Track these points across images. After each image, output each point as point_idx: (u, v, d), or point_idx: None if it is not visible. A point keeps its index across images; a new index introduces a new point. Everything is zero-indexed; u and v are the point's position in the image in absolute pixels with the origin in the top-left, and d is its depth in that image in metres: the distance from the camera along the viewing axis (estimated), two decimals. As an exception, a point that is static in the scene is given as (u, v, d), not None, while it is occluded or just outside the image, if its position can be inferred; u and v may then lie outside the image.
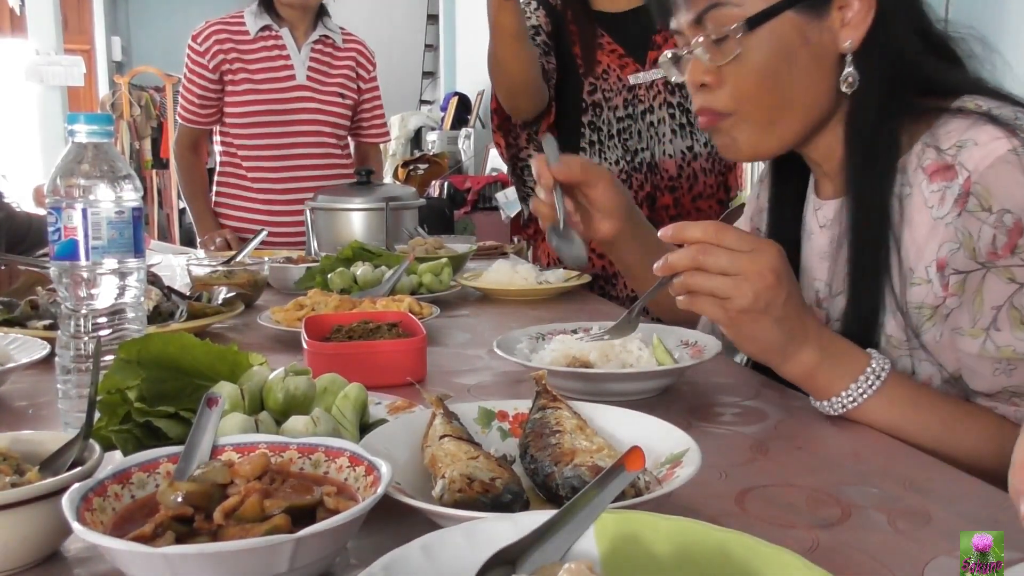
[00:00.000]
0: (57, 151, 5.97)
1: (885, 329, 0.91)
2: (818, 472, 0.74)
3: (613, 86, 1.82)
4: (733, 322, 0.82)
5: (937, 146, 0.85)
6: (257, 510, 0.53)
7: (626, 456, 0.49)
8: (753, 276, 0.79)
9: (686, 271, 0.81)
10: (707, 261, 0.80)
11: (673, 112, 1.82)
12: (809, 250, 1.04)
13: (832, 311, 1.00)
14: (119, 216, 0.75)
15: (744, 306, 0.80)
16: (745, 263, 0.79)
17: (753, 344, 0.84)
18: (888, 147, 0.89)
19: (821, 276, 1.02)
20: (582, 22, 1.82)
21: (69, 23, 8.21)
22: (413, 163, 6.96)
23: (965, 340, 0.83)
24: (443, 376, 1.06)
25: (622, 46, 1.83)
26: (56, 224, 0.74)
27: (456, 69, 8.80)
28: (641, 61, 1.82)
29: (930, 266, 0.85)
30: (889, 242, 0.88)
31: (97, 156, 0.76)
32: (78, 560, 0.58)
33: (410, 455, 0.67)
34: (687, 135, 1.82)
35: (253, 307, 1.52)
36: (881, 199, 0.88)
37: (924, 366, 0.90)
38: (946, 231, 0.83)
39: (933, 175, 0.85)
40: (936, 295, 0.85)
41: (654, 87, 1.82)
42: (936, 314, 0.86)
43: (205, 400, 0.63)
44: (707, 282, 0.81)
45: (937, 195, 0.84)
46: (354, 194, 2.16)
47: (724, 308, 0.81)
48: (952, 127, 0.85)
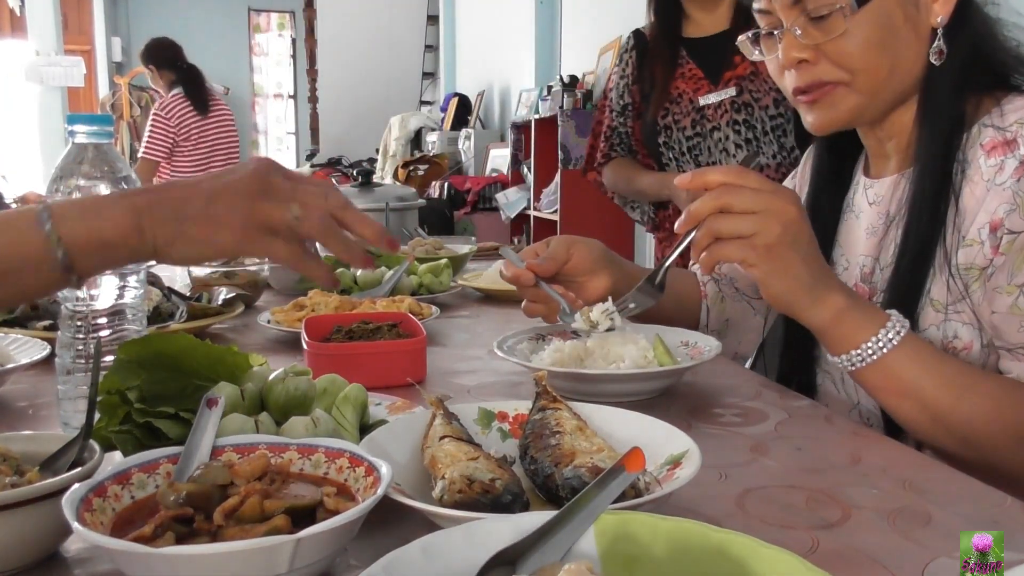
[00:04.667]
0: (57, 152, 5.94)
1: (931, 293, 0.92)
2: (818, 473, 0.74)
3: (684, 108, 1.94)
4: (762, 258, 0.81)
5: (996, 125, 0.90)
6: (257, 511, 0.53)
7: (626, 457, 0.49)
8: (778, 210, 0.81)
9: (711, 216, 0.82)
10: (732, 201, 0.81)
11: (739, 128, 1.90)
12: (856, 227, 1.06)
13: (879, 283, 1.00)
14: None
15: (772, 240, 0.80)
16: (769, 199, 0.81)
17: (783, 279, 0.83)
18: (958, 118, 0.93)
19: (868, 252, 1.03)
20: (663, 54, 1.96)
21: (69, 23, 8.20)
22: (413, 164, 6.96)
23: (1001, 297, 0.85)
24: (443, 377, 1.06)
25: (702, 69, 1.93)
26: None
27: (456, 70, 8.81)
28: (716, 82, 1.92)
29: (983, 228, 0.87)
30: (949, 205, 0.90)
31: (97, 157, 0.76)
32: (78, 560, 0.58)
33: (410, 456, 0.67)
34: (753, 149, 1.90)
35: (253, 308, 1.52)
36: (945, 165, 0.92)
37: (965, 329, 0.90)
38: (1003, 194, 0.86)
39: (991, 151, 0.89)
40: (986, 256, 0.87)
41: (722, 106, 1.91)
42: (982, 275, 0.88)
43: (205, 401, 0.63)
44: (733, 223, 0.81)
45: (994, 168, 0.88)
46: (354, 195, 2.16)
47: (752, 245, 0.81)
48: (1017, 104, 0.90)
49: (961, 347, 0.90)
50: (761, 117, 1.87)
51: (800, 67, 0.94)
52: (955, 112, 0.93)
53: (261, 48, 10.84)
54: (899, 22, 0.91)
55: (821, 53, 0.92)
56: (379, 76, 9.71)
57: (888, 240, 0.99)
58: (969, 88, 0.93)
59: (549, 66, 6.16)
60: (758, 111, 1.87)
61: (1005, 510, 0.66)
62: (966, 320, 0.90)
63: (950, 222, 0.90)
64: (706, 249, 0.83)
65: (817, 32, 0.91)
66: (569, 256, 1.06)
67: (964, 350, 0.90)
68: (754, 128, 1.88)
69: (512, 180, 6.06)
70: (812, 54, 0.92)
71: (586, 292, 1.07)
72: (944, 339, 0.91)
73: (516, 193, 5.82)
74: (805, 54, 0.93)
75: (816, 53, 0.92)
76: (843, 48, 0.91)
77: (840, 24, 0.90)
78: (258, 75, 10.86)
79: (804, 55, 0.93)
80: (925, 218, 0.92)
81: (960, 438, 0.82)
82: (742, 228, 0.81)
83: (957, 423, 0.82)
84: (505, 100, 7.22)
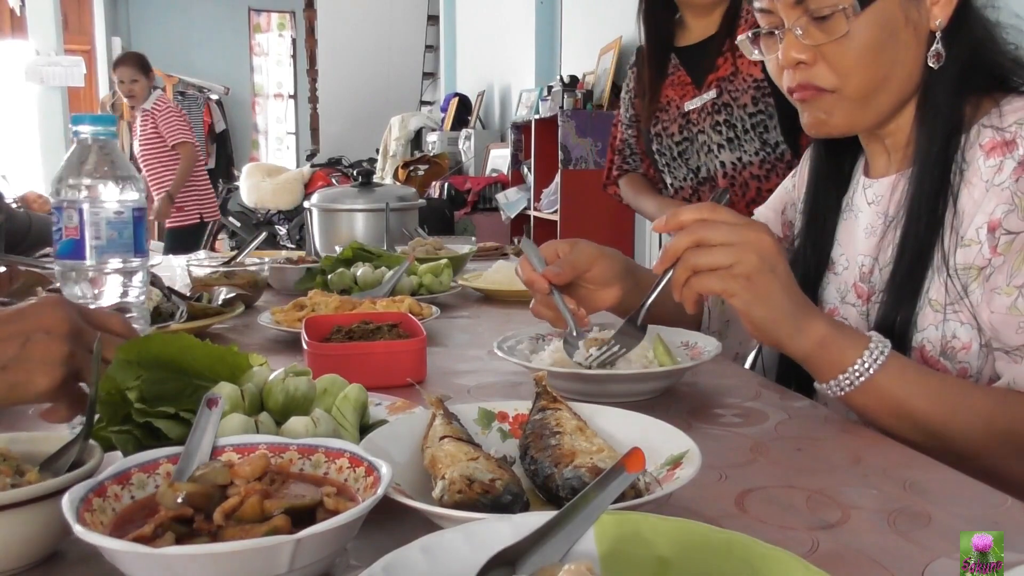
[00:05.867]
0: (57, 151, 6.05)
1: (929, 293, 0.92)
2: (818, 473, 0.74)
3: (672, 115, 1.98)
4: (743, 287, 0.82)
5: (995, 126, 0.90)
6: (257, 511, 0.53)
7: (626, 457, 0.49)
8: (753, 240, 0.82)
9: (688, 251, 0.82)
10: (707, 235, 0.82)
11: (720, 129, 1.91)
12: (855, 227, 1.06)
13: (878, 283, 1.01)
14: (119, 216, 0.76)
15: (750, 269, 0.81)
16: (743, 232, 0.82)
17: (765, 307, 0.83)
18: (956, 120, 0.93)
19: (867, 251, 1.03)
20: (652, 63, 2.00)
21: (69, 23, 8.21)
22: (413, 164, 6.96)
23: (1000, 298, 0.86)
24: (443, 377, 1.06)
25: (690, 75, 1.96)
26: (59, 224, 0.75)
27: (456, 70, 8.81)
28: (699, 86, 1.94)
29: (981, 228, 0.88)
30: (947, 205, 0.91)
31: (100, 157, 0.77)
32: (78, 560, 0.58)
33: (410, 456, 0.67)
34: (736, 147, 1.91)
35: (253, 308, 1.52)
36: (943, 167, 0.92)
37: (964, 329, 0.90)
38: (1002, 194, 0.86)
39: (990, 152, 0.89)
40: (984, 256, 0.88)
41: (704, 109, 1.93)
42: (980, 275, 0.88)
43: (205, 401, 0.63)
44: (710, 255, 0.82)
45: (993, 169, 0.88)
46: (354, 195, 2.16)
47: (732, 275, 0.81)
48: (1016, 105, 0.90)
49: (960, 347, 0.90)
50: (741, 116, 1.88)
51: (797, 67, 0.94)
52: (953, 114, 0.93)
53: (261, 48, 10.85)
54: (900, 25, 0.91)
55: (820, 55, 0.92)
56: (379, 76, 9.72)
57: (887, 240, 0.99)
58: (968, 90, 0.93)
59: (549, 66, 6.16)
60: (737, 110, 1.88)
61: (1005, 510, 0.66)
62: (964, 320, 0.90)
63: (948, 223, 0.91)
64: (686, 284, 0.84)
65: (819, 32, 0.91)
66: (590, 267, 1.04)
67: (963, 350, 0.90)
68: (735, 127, 1.89)
69: (512, 180, 6.06)
70: (811, 55, 0.93)
71: (594, 299, 1.07)
72: (943, 339, 0.91)
73: (516, 193, 5.82)
74: (804, 55, 0.93)
75: (815, 55, 0.92)
76: (842, 51, 0.91)
77: (842, 25, 0.89)
78: (258, 75, 10.87)
79: (803, 56, 0.93)
80: (923, 219, 0.92)
81: (957, 451, 0.82)
82: (720, 260, 0.81)
83: (952, 437, 0.82)
84: (505, 100, 7.22)
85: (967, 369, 0.90)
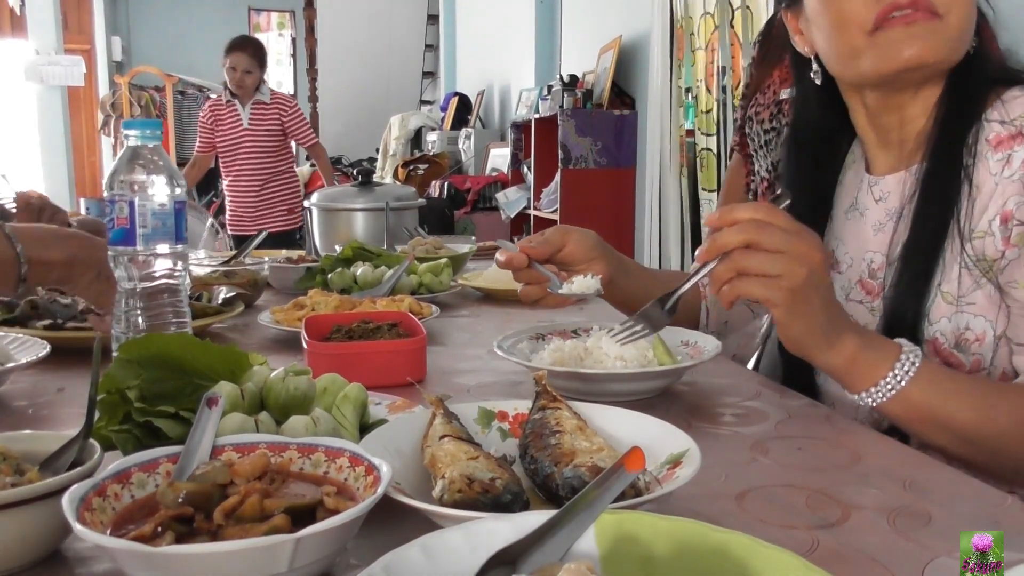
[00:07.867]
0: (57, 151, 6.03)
1: (941, 285, 0.92)
2: (818, 472, 0.74)
3: (766, 101, 1.90)
4: (786, 300, 0.79)
5: (1000, 119, 0.90)
6: (257, 510, 0.53)
7: (626, 457, 0.49)
8: (805, 254, 0.78)
9: (737, 252, 0.79)
10: (761, 238, 0.78)
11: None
12: (862, 226, 1.06)
13: (888, 279, 1.00)
14: (162, 208, 0.85)
15: (797, 283, 0.78)
16: (796, 241, 0.79)
17: (802, 324, 0.81)
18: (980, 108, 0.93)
19: (877, 248, 1.03)
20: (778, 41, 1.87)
21: (69, 23, 8.21)
22: (413, 163, 6.96)
23: (1015, 291, 0.86)
24: (443, 376, 1.06)
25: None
26: (111, 214, 0.85)
27: (456, 69, 8.81)
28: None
29: (994, 220, 0.88)
30: (960, 195, 0.91)
31: (148, 157, 0.85)
32: (78, 560, 0.58)
33: (410, 455, 0.67)
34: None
35: (253, 307, 1.52)
36: (958, 157, 0.92)
37: (978, 321, 0.90)
38: (1013, 186, 0.87)
39: (998, 146, 0.89)
40: (997, 248, 0.88)
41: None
42: (994, 266, 0.88)
43: (205, 400, 0.63)
44: (760, 260, 0.78)
45: (1001, 162, 0.88)
46: (354, 194, 2.16)
47: (778, 286, 0.79)
48: (1019, 97, 0.90)
49: (973, 339, 0.90)
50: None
51: None
52: (978, 103, 0.93)
53: (261, 48, 10.84)
54: None
55: None
56: (379, 76, 9.72)
57: (898, 235, 0.99)
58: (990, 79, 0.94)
59: (549, 66, 6.16)
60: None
61: (1005, 510, 0.66)
62: (978, 312, 0.90)
63: (963, 211, 0.90)
64: (728, 283, 0.81)
65: None
66: (564, 243, 1.06)
67: (976, 342, 0.90)
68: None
69: (512, 180, 6.07)
70: None
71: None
72: (956, 332, 0.91)
73: (516, 193, 5.82)
74: None
75: None
76: None
77: None
78: (258, 74, 10.86)
79: None
80: (935, 210, 0.92)
81: (990, 453, 0.82)
82: (768, 267, 0.78)
83: (986, 440, 0.81)
84: (505, 100, 7.22)
85: (980, 361, 0.90)
